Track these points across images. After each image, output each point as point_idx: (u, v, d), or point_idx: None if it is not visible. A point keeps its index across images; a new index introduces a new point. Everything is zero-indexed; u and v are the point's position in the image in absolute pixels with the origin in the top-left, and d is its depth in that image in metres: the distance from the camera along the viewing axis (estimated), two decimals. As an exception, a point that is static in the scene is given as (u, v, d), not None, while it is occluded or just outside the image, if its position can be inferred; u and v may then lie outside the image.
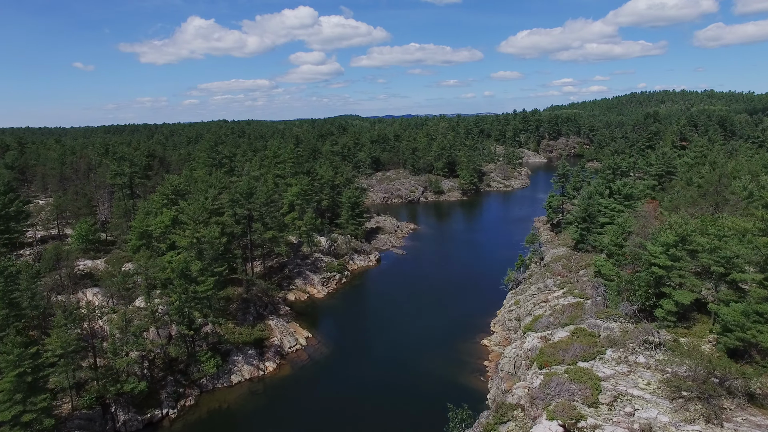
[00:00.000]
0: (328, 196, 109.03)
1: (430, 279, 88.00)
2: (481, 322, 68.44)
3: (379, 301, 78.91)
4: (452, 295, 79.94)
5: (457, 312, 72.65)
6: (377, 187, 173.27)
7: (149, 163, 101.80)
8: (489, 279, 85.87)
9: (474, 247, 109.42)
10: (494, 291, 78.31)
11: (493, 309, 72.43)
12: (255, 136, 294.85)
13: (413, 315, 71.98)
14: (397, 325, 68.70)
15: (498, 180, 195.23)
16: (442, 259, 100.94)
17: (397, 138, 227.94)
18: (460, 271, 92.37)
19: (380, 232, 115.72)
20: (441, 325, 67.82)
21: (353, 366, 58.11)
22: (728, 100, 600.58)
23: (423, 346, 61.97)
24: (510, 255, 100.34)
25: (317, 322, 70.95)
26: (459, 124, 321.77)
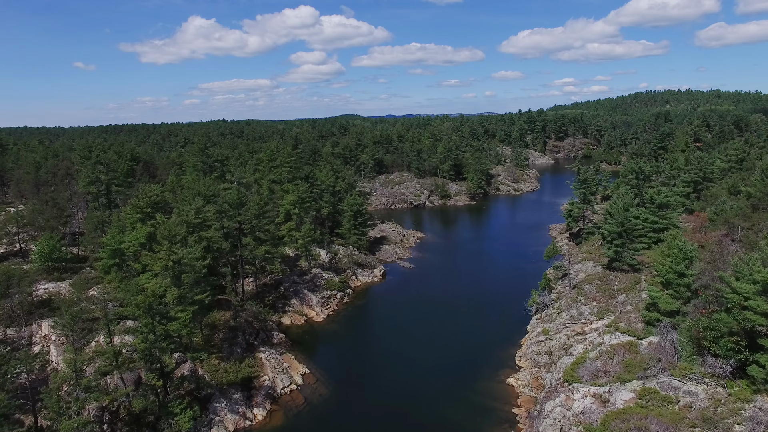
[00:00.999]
0: (329, 203, 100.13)
1: (441, 298, 79.09)
2: (504, 353, 59.54)
3: (386, 327, 69.96)
4: (467, 318, 71.00)
5: (474, 340, 63.75)
6: (380, 191, 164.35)
7: (132, 167, 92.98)
8: (507, 298, 77.02)
9: (487, 259, 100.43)
10: (515, 313, 69.46)
11: (515, 336, 63.55)
12: (253, 137, 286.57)
13: (424, 344, 63.05)
14: (406, 358, 59.78)
15: (507, 183, 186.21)
16: (453, 273, 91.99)
17: (401, 139, 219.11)
18: (474, 288, 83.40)
19: (385, 242, 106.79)
20: (457, 358, 58.90)
21: (356, 412, 49.22)
22: (735, 100, 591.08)
23: (437, 384, 53.05)
24: (528, 269, 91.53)
25: (315, 353, 62.05)
26: (463, 124, 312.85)
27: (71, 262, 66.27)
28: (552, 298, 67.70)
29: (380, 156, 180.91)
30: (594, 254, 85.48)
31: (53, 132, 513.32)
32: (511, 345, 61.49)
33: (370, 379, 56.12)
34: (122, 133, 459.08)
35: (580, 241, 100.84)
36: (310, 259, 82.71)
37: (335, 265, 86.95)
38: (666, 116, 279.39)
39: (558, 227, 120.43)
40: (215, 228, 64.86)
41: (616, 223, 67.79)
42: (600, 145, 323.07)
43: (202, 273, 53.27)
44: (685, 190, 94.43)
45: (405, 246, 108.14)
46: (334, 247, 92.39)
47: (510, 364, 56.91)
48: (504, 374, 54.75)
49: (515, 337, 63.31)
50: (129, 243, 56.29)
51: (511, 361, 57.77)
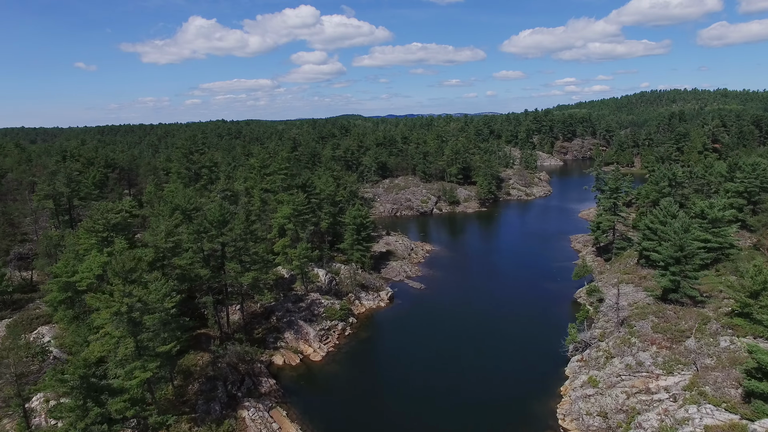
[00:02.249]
0: (329, 214, 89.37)
1: (458, 328, 68.25)
2: (541, 407, 48.72)
3: (394, 368, 59.02)
4: (491, 355, 60.15)
5: (502, 386, 52.97)
6: (384, 197, 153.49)
7: (105, 176, 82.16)
8: (535, 328, 66.35)
9: (506, 278, 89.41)
10: (547, 350, 58.67)
11: (552, 383, 52.73)
12: (251, 138, 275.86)
13: (442, 394, 52.17)
14: (419, 413, 48.93)
15: (518, 187, 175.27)
16: (469, 295, 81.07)
17: (405, 140, 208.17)
18: (494, 315, 72.55)
19: (391, 257, 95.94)
20: (483, 413, 48.08)
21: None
22: (743, 99, 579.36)
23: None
24: (554, 290, 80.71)
25: (312, 405, 51.20)
26: (468, 125, 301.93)
27: (21, 291, 55.51)
28: (595, 335, 56.75)
29: (384, 159, 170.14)
30: (633, 275, 74.58)
31: (50, 132, 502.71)
32: (548, 395, 50.67)
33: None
34: (119, 134, 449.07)
35: (609, 256, 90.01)
36: (306, 281, 71.91)
37: (336, 288, 76.15)
38: (680, 116, 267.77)
39: (580, 238, 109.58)
40: (192, 252, 54.06)
41: (672, 247, 56.72)
42: (609, 146, 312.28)
43: (171, 313, 42.44)
44: (737, 201, 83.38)
45: (413, 261, 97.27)
46: (334, 266, 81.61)
47: (551, 425, 46.10)
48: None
49: (552, 384, 52.49)
50: (82, 275, 45.55)
51: (551, 419, 46.96)
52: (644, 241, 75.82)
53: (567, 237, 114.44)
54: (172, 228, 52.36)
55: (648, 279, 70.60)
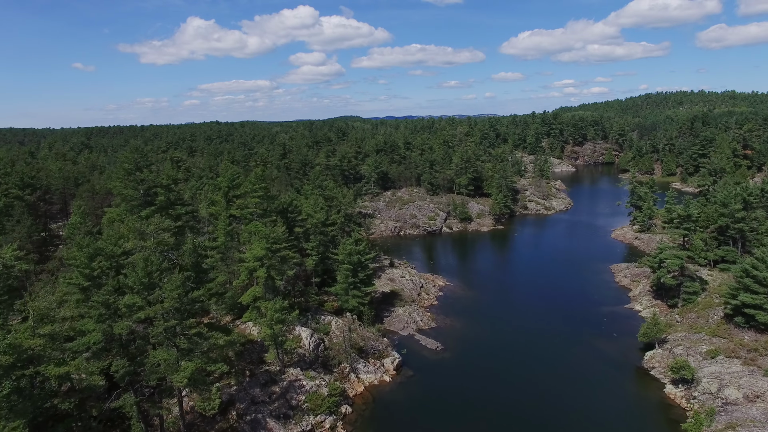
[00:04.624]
0: (317, 248, 69.58)
1: (488, 417, 48.56)
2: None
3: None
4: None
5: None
6: (386, 213, 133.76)
7: (10, 203, 61.91)
8: (596, 417, 46.54)
9: (543, 331, 69.31)
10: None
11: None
12: (240, 142, 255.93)
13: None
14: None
15: (536, 200, 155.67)
16: (499, 359, 61.27)
17: (408, 146, 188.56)
18: (534, 396, 52.90)
19: (397, 300, 76.19)
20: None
21: None
22: (752, 101, 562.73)
23: None
24: (610, 353, 61.13)
25: None
26: (473, 128, 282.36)
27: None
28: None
29: (385, 167, 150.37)
30: (730, 342, 54.87)
31: (40, 133, 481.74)
32: None
33: None
34: (107, 136, 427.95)
35: (675, 302, 70.42)
36: (282, 352, 52.12)
37: (324, 354, 56.35)
38: (704, 119, 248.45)
39: (625, 270, 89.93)
40: (94, 344, 34.21)
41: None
42: (622, 150, 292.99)
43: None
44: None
45: (424, 304, 77.51)
46: (323, 320, 61.74)
47: None
48: None
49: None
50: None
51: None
52: (742, 293, 56.17)
53: (606, 266, 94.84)
54: (46, 308, 32.48)
55: (759, 352, 50.92)
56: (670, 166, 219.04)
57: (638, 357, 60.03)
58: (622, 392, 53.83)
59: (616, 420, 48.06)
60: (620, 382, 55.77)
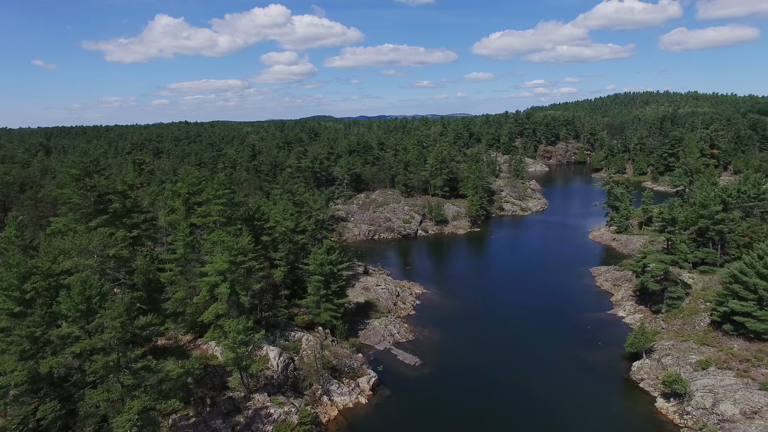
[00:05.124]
0: (286, 259, 64.96)
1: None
2: None
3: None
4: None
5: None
6: (359, 216, 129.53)
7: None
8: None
9: (526, 342, 66.24)
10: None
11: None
12: (209, 143, 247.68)
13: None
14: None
15: (511, 201, 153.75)
16: (482, 374, 57.85)
17: (381, 146, 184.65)
18: (525, 409, 49.66)
19: (372, 310, 72.09)
20: None
21: None
22: (713, 102, 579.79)
23: None
24: (597, 364, 58.34)
25: None
26: (446, 127, 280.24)
27: None
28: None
29: (357, 169, 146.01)
30: (719, 351, 52.65)
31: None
32: None
33: None
34: (69, 136, 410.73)
35: (659, 308, 68.32)
36: (247, 377, 47.47)
37: (294, 375, 51.89)
38: (672, 119, 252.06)
39: (606, 274, 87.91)
40: (16, 388, 29.07)
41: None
42: (594, 150, 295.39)
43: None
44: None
45: (401, 314, 73.67)
46: (292, 336, 57.22)
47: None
48: None
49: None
50: None
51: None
52: (730, 299, 54.04)
53: (586, 270, 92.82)
54: None
55: (751, 362, 48.68)
56: (641, 165, 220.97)
57: (625, 368, 57.41)
58: (612, 407, 50.98)
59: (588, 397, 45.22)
60: (608, 396, 52.98)
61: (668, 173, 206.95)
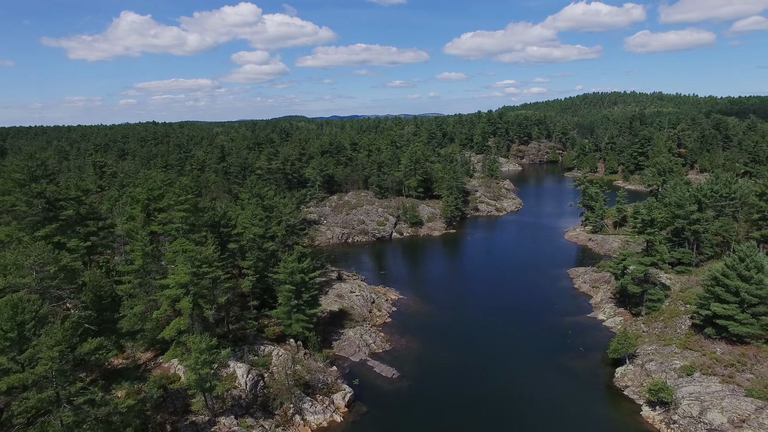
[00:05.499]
0: (254, 267, 61.34)
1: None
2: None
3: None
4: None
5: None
6: (332, 219, 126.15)
7: None
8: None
9: (506, 347, 64.34)
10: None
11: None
12: (177, 143, 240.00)
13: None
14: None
15: (486, 201, 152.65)
16: (462, 382, 55.47)
17: (354, 147, 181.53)
18: (507, 421, 47.46)
19: (346, 319, 68.99)
20: None
21: None
22: (677, 103, 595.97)
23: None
24: (580, 370, 56.55)
25: None
26: (420, 127, 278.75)
27: None
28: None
29: (330, 170, 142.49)
30: (703, 355, 51.48)
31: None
32: None
33: None
34: (27, 137, 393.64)
35: (639, 310, 67.25)
36: (211, 399, 43.85)
37: (263, 394, 48.46)
38: (641, 119, 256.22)
39: (584, 275, 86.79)
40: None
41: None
42: (566, 149, 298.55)
43: None
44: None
45: (377, 322, 70.82)
46: (262, 351, 53.74)
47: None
48: None
49: None
50: None
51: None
52: (712, 302, 52.96)
53: (564, 271, 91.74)
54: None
55: (736, 368, 47.52)
56: (612, 164, 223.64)
57: (609, 374, 55.85)
58: (597, 416, 49.21)
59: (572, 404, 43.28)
60: (593, 404, 51.23)
61: (638, 172, 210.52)
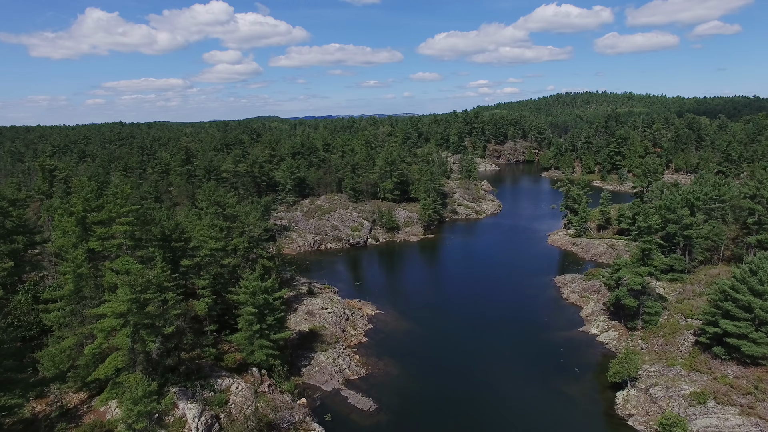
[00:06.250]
0: (211, 287, 53.95)
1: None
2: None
3: None
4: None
5: None
6: (304, 225, 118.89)
7: None
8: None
9: (495, 367, 58.53)
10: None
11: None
12: (139, 146, 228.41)
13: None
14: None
15: (465, 204, 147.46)
16: (448, 414, 49.31)
17: (327, 147, 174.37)
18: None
19: (317, 340, 62.10)
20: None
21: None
22: (647, 103, 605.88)
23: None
24: (576, 396, 51.01)
25: None
26: (395, 127, 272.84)
27: None
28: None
29: (301, 173, 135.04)
30: (713, 380, 46.44)
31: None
32: None
33: None
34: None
35: (635, 324, 62.33)
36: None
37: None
38: (617, 118, 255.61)
39: (572, 284, 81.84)
40: None
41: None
42: (542, 148, 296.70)
43: None
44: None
45: (351, 342, 64.22)
46: (218, 385, 46.48)
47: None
48: None
49: None
50: None
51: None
52: (721, 318, 48.03)
53: (550, 279, 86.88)
54: None
55: (755, 396, 42.48)
56: (589, 164, 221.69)
57: (608, 399, 50.50)
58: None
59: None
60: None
61: (616, 172, 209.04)
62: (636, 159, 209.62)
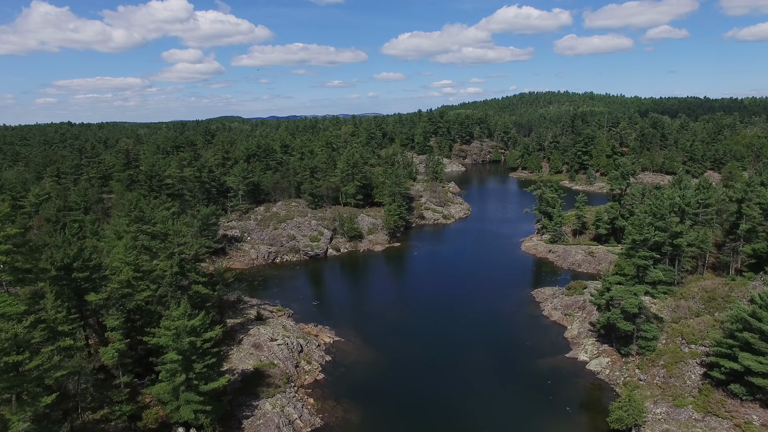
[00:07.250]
0: (123, 329, 43.11)
1: None
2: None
3: None
4: None
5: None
6: (258, 235, 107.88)
7: None
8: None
9: (474, 407, 49.76)
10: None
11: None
12: (77, 148, 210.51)
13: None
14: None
15: (433, 208, 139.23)
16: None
17: (286, 149, 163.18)
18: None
19: (263, 383, 51.82)
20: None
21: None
22: (607, 103, 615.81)
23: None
24: None
25: None
26: (358, 127, 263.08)
27: None
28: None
29: (256, 178, 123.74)
30: (726, 417, 38.86)
31: None
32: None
33: None
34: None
35: (629, 350, 54.77)
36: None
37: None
38: (583, 118, 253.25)
39: (550, 296, 74.51)
40: None
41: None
42: (508, 148, 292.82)
43: None
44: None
45: (305, 381, 54.31)
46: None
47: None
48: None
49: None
50: None
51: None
52: (741, 352, 40.52)
53: (527, 292, 79.47)
54: None
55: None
56: (556, 163, 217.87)
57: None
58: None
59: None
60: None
61: (583, 171, 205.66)
62: (603, 158, 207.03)
